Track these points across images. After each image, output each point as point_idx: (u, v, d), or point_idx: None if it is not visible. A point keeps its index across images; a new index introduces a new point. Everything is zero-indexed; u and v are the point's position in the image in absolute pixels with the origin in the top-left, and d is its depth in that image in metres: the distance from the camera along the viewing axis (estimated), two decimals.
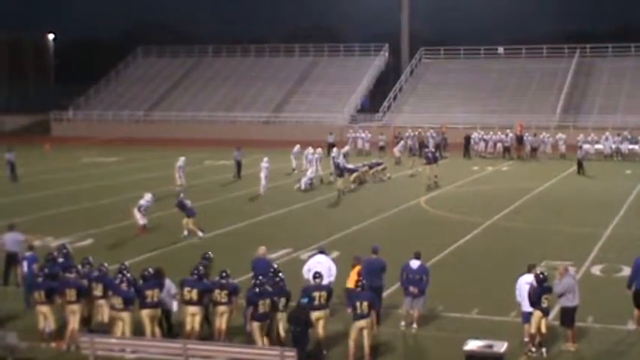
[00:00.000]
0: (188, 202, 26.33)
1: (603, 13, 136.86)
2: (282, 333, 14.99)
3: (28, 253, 18.32)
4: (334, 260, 17.75)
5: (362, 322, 14.76)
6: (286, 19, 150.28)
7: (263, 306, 14.80)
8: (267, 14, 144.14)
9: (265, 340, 14.86)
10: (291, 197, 34.44)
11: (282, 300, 15.03)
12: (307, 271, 16.75)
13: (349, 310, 14.98)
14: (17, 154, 41.27)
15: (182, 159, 36.43)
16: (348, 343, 14.86)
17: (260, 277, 15.37)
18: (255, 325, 14.79)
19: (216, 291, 15.28)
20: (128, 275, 15.63)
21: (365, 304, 14.79)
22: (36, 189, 37.33)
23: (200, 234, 25.75)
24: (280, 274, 15.53)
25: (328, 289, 15.50)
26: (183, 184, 35.31)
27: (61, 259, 17.30)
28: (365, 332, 14.77)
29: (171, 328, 16.00)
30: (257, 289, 14.91)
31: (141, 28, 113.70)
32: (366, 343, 14.75)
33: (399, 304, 17.27)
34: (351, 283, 16.09)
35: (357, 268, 16.49)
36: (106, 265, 16.48)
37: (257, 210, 31.14)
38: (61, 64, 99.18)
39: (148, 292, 15.35)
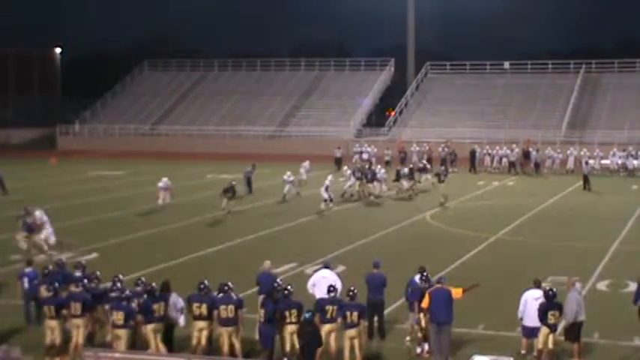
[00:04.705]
0: (30, 220, 25.45)
1: (609, 28, 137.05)
2: (295, 345, 15.00)
3: (28, 269, 18.07)
4: (339, 275, 17.68)
5: (352, 332, 14.89)
6: (292, 34, 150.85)
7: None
8: (273, 28, 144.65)
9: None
10: (297, 211, 34.36)
11: (294, 312, 15.01)
12: (312, 286, 16.74)
13: (339, 320, 14.99)
14: (23, 167, 41.35)
15: (164, 180, 35.32)
16: (343, 354, 14.93)
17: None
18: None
19: (222, 307, 15.14)
20: (128, 292, 15.64)
21: (355, 313, 14.92)
22: (40, 202, 37.26)
23: (45, 248, 25.07)
24: (289, 287, 15.44)
25: (340, 303, 15.47)
26: (161, 204, 34.68)
27: (78, 273, 17.24)
28: (355, 342, 14.88)
29: (172, 342, 15.89)
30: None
31: (147, 42, 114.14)
32: (358, 352, 14.88)
33: (404, 319, 17.21)
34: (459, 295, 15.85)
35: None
36: (120, 276, 16.49)
37: (262, 224, 31.09)
38: (68, 78, 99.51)
39: (155, 306, 15.33)
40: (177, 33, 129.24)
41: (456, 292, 15.64)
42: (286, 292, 15.25)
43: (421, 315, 15.81)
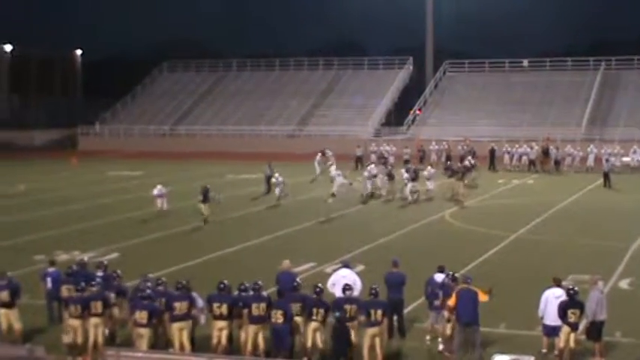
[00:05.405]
0: None
1: (628, 24, 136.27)
2: (317, 343, 15.05)
3: (50, 269, 18.16)
4: (359, 274, 17.70)
5: (374, 330, 14.91)
6: (310, 33, 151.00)
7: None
8: (291, 28, 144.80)
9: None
10: (314, 211, 34.33)
11: (321, 311, 15.10)
12: (331, 285, 16.75)
13: (362, 318, 15.03)
14: (44, 167, 41.51)
15: (159, 187, 34.29)
16: (362, 353, 14.94)
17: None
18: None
19: (254, 305, 15.21)
20: (149, 291, 15.76)
21: (379, 311, 14.97)
22: (62, 203, 37.61)
23: None
24: (320, 285, 15.61)
25: (358, 301, 15.51)
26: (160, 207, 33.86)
27: (99, 273, 17.36)
28: (377, 340, 14.90)
29: (192, 341, 15.98)
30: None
31: (166, 44, 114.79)
32: (379, 350, 14.90)
33: (424, 318, 17.20)
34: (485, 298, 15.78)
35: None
36: (149, 275, 16.61)
37: (279, 224, 31.14)
38: (89, 80, 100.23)
39: (177, 305, 15.44)
40: (196, 34, 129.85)
41: (483, 296, 15.56)
42: (317, 289, 15.36)
43: (445, 312, 15.80)
